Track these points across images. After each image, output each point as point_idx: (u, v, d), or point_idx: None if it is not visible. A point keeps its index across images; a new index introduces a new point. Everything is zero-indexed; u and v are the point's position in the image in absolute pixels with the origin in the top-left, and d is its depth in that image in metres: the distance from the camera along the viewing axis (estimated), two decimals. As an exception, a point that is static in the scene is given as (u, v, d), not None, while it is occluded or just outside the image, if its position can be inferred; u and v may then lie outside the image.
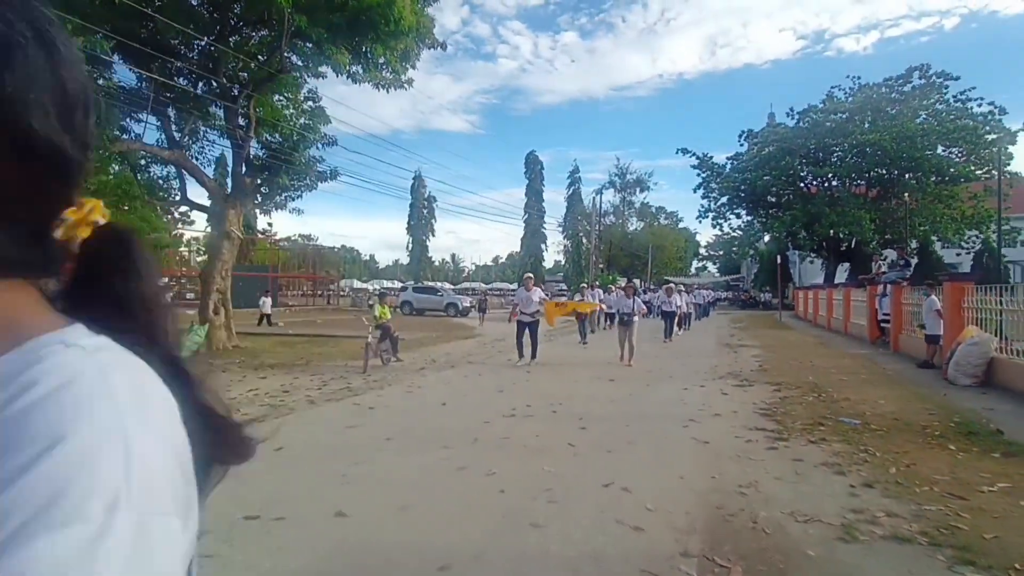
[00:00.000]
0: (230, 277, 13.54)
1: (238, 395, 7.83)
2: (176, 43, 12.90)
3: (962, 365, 8.53)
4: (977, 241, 32.61)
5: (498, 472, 4.49)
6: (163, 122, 13.44)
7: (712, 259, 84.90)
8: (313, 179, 15.22)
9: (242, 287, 33.06)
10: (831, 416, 6.42)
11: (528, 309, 10.80)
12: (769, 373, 9.98)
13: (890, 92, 32.76)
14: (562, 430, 5.89)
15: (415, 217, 73.18)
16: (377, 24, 11.46)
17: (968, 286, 9.62)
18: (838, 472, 4.43)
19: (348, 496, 3.92)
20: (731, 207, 39.09)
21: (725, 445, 5.30)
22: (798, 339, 17.36)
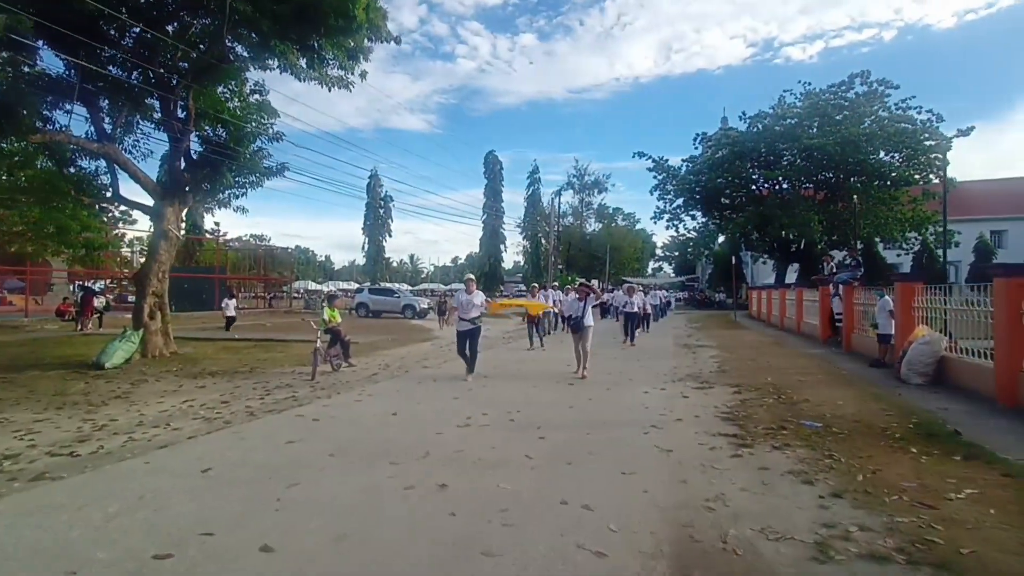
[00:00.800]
0: (167, 279, 12.71)
1: (171, 407, 7.27)
2: (108, 28, 12.00)
3: (914, 364, 8.61)
4: (916, 242, 33.98)
5: (449, 491, 4.13)
6: (92, 113, 12.50)
7: (668, 260, 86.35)
8: (259, 175, 14.49)
9: (188, 289, 31.78)
10: (793, 419, 6.30)
11: (468, 314, 9.34)
12: (728, 375, 9.90)
13: (835, 98, 33.81)
14: (519, 440, 5.56)
15: (371, 217, 71.94)
16: (326, 18, 10.89)
17: (918, 286, 9.77)
18: (805, 481, 4.24)
19: (279, 525, 3.50)
20: (686, 208, 39.73)
21: (689, 453, 5.07)
22: (754, 339, 17.53)
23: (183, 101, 12.77)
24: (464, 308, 9.42)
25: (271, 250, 54.18)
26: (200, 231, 47.64)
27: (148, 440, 5.62)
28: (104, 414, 6.85)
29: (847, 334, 13.58)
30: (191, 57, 13.13)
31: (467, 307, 9.38)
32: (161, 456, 5.01)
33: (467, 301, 9.43)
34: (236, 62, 13.09)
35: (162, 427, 6.20)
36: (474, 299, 9.42)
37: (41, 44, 11.27)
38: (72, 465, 4.80)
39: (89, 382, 9.15)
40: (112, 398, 7.87)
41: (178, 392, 8.37)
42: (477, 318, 9.40)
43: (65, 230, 16.99)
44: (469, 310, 9.35)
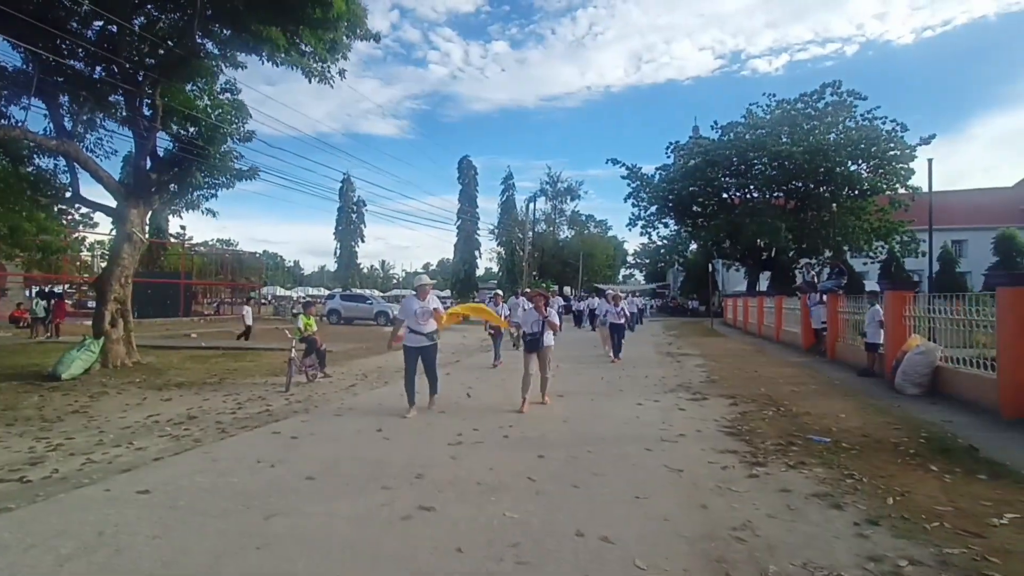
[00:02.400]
0: (130, 284, 12.00)
1: (133, 423, 6.72)
2: (69, 19, 11.32)
3: (909, 374, 8.51)
4: (883, 251, 34.65)
5: (450, 521, 3.74)
6: (51, 108, 11.77)
7: (639, 267, 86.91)
8: (230, 177, 13.86)
9: (151, 295, 30.56)
10: (799, 433, 6.07)
11: (421, 327, 7.29)
12: (719, 385, 9.69)
13: (805, 108, 34.43)
14: (518, 460, 5.20)
15: (343, 222, 70.71)
16: (303, 7, 10.42)
17: (909, 295, 9.72)
18: (834, 505, 3.96)
19: (262, 568, 3.07)
20: (659, 216, 39.92)
21: (701, 473, 4.77)
22: (735, 347, 17.48)
23: (149, 98, 12.13)
24: (416, 319, 7.31)
25: (238, 255, 52.78)
26: (165, 235, 46.06)
27: (109, 462, 5.10)
28: (59, 431, 6.27)
29: (832, 342, 13.55)
30: (159, 52, 12.51)
31: (420, 317, 7.30)
32: (123, 482, 4.50)
33: (420, 310, 7.31)
34: (207, 58, 12.51)
35: (124, 446, 5.67)
36: (428, 306, 7.34)
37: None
38: (21, 493, 4.27)
39: (44, 395, 8.49)
40: (69, 413, 7.27)
41: (142, 406, 7.79)
42: (434, 332, 7.43)
43: (18, 231, 15.99)
44: (422, 321, 7.30)
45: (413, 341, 7.35)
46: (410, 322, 7.36)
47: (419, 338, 7.33)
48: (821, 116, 33.66)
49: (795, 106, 34.58)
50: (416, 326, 7.32)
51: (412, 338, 7.35)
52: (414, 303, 7.40)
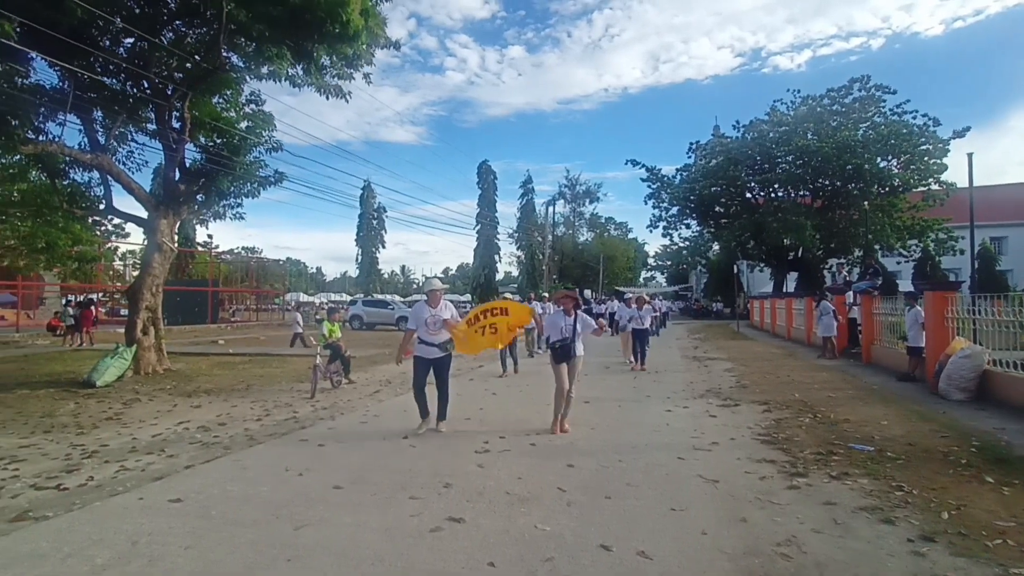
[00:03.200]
0: (161, 293, 12.19)
1: (165, 430, 6.77)
2: (102, 37, 11.56)
3: (954, 379, 8.18)
4: (917, 250, 33.69)
5: (481, 533, 3.65)
6: (86, 123, 12.04)
7: (660, 269, 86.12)
8: (256, 184, 14.02)
9: (180, 302, 31.13)
10: (839, 442, 5.85)
11: (433, 337, 6.58)
12: (750, 390, 9.45)
13: (832, 103, 33.70)
14: (547, 468, 5.09)
15: (364, 228, 71.32)
16: (322, 24, 10.48)
17: (951, 295, 9.37)
18: (884, 520, 3.77)
19: (293, 582, 3.01)
20: (681, 217, 39.46)
21: (738, 484, 4.61)
22: (763, 350, 17.12)
23: (178, 111, 12.34)
24: (427, 328, 6.58)
25: (262, 262, 53.62)
26: (192, 243, 47.00)
27: (142, 470, 5.12)
28: (95, 438, 6.35)
29: (867, 345, 13.17)
30: (186, 66, 12.73)
31: (431, 326, 6.58)
32: (156, 490, 4.51)
33: (431, 318, 6.61)
34: (232, 71, 12.69)
35: (156, 453, 5.70)
36: (441, 314, 6.64)
37: (34, 54, 10.81)
38: (58, 501, 4.29)
39: (80, 402, 8.63)
40: (103, 419, 7.36)
41: (172, 412, 7.87)
42: (447, 342, 6.68)
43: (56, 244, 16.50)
44: (434, 331, 6.59)
45: (424, 352, 6.59)
46: (421, 332, 6.61)
47: (430, 349, 6.57)
48: (848, 112, 32.90)
49: (821, 102, 33.85)
50: (427, 336, 6.58)
51: (423, 349, 6.60)
52: (425, 310, 6.67)
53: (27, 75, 11.38)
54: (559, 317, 6.75)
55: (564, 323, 6.63)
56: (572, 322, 6.57)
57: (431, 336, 6.57)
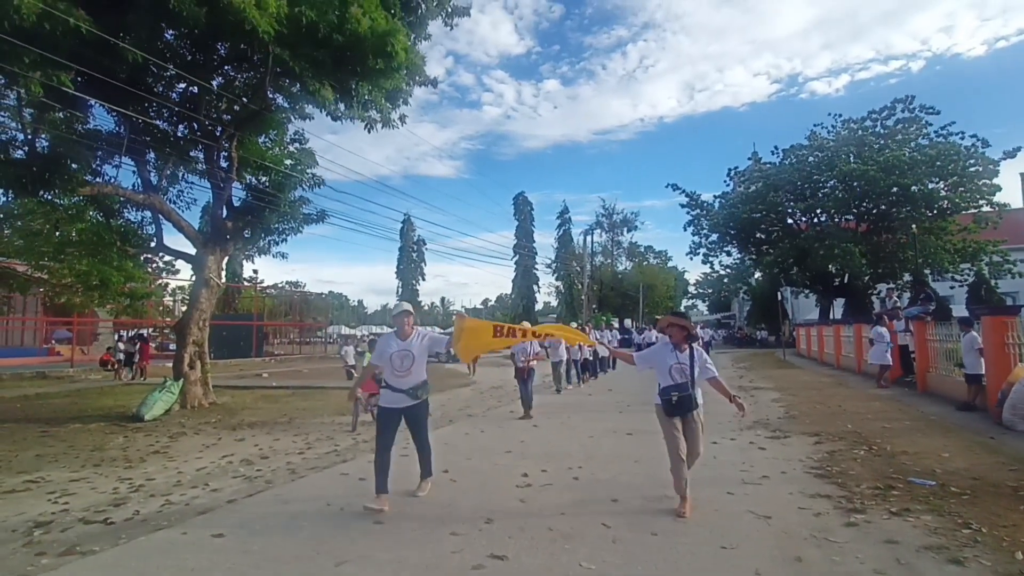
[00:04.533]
0: (207, 328, 12.56)
1: (209, 464, 6.89)
2: (154, 82, 12.25)
3: (1019, 408, 7.70)
4: (970, 273, 32.31)
5: (524, 571, 3.56)
6: (139, 165, 12.69)
7: (701, 297, 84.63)
8: (299, 221, 14.44)
9: (226, 336, 32.01)
10: (898, 475, 5.54)
11: (402, 380, 4.97)
12: (800, 421, 9.10)
13: (874, 125, 33.09)
14: (590, 503, 4.96)
15: (404, 261, 72.54)
16: (365, 59, 10.88)
17: (1011, 320, 8.90)
18: (952, 560, 3.53)
19: (334, 619, 2.98)
20: (721, 244, 38.89)
21: (791, 520, 4.40)
22: (812, 379, 16.51)
23: (226, 151, 12.87)
24: (394, 367, 4.98)
25: (306, 296, 54.90)
26: (239, 278, 48.48)
27: (186, 504, 5.20)
28: (141, 472, 6.50)
29: (922, 373, 12.57)
30: (235, 108, 13.35)
31: (400, 365, 4.96)
32: (199, 524, 4.56)
33: (400, 353, 4.98)
34: (278, 112, 13.21)
35: (200, 487, 5.79)
36: (411, 347, 5.01)
37: (91, 101, 11.49)
38: (106, 535, 4.38)
39: (128, 435, 8.87)
40: (150, 453, 7.54)
41: (217, 446, 8.01)
42: (419, 386, 5.02)
43: (109, 281, 17.24)
44: (401, 371, 4.96)
45: (390, 400, 5.00)
46: (387, 373, 5.03)
47: (398, 396, 4.95)
48: (891, 134, 32.21)
49: (863, 124, 33.27)
50: (394, 379, 4.96)
51: (388, 396, 5.01)
52: (391, 344, 5.05)
53: (85, 121, 12.10)
54: (665, 353, 4.85)
55: (676, 362, 4.74)
56: (688, 361, 4.75)
57: (399, 379, 4.94)
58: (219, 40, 11.47)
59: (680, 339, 4.81)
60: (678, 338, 4.81)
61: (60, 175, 10.70)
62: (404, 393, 4.95)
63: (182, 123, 13.06)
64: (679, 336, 4.81)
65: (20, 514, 4.90)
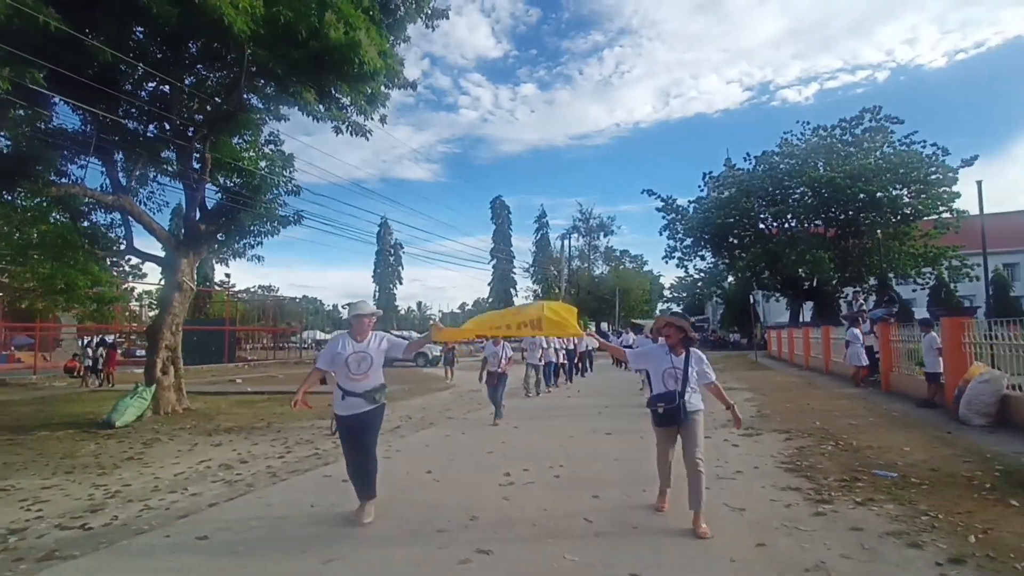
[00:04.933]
0: (181, 332, 12.37)
1: (187, 469, 6.82)
2: (123, 81, 12.04)
3: (974, 404, 8.09)
4: (931, 277, 33.48)
5: (510, 564, 3.67)
6: (108, 165, 12.43)
7: (676, 301, 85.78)
8: (275, 223, 14.31)
9: (197, 341, 31.42)
10: (863, 468, 5.79)
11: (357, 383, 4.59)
12: (771, 419, 9.37)
13: (843, 134, 34.15)
14: (572, 500, 5.08)
15: (381, 265, 72.06)
16: (341, 65, 10.89)
17: (968, 321, 9.32)
18: (911, 544, 3.75)
19: (325, 613, 3.04)
20: (695, 248, 39.59)
21: (763, 512, 4.59)
22: (783, 380, 16.94)
23: (199, 152, 12.71)
24: (349, 370, 4.57)
25: (279, 300, 54.12)
26: (210, 282, 47.65)
27: (166, 508, 5.17)
28: (116, 478, 6.40)
29: (885, 373, 13.04)
30: (207, 109, 13.19)
31: (356, 368, 4.57)
32: (182, 528, 4.55)
33: (357, 355, 4.60)
34: (253, 112, 13.10)
35: (179, 492, 5.75)
36: (368, 349, 4.63)
37: (57, 99, 11.25)
38: (84, 540, 4.34)
39: (100, 442, 8.70)
40: (124, 460, 7.42)
41: (193, 451, 7.92)
42: (377, 390, 4.64)
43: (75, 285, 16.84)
44: (359, 373, 4.57)
45: (347, 407, 4.57)
46: (340, 377, 4.63)
47: (354, 401, 4.56)
48: (859, 142, 33.27)
49: (832, 132, 34.33)
50: (349, 382, 4.57)
51: (345, 403, 4.57)
52: (346, 345, 4.63)
53: (50, 119, 11.81)
54: (660, 355, 4.57)
55: (670, 365, 4.47)
56: (682, 365, 4.46)
57: (355, 382, 4.56)
58: (192, 38, 11.33)
59: (676, 341, 4.51)
60: (674, 340, 4.52)
61: (26, 176, 10.45)
62: (361, 397, 4.57)
63: (152, 123, 12.86)
64: (675, 338, 4.51)
65: (-6, 521, 4.82)
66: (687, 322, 4.63)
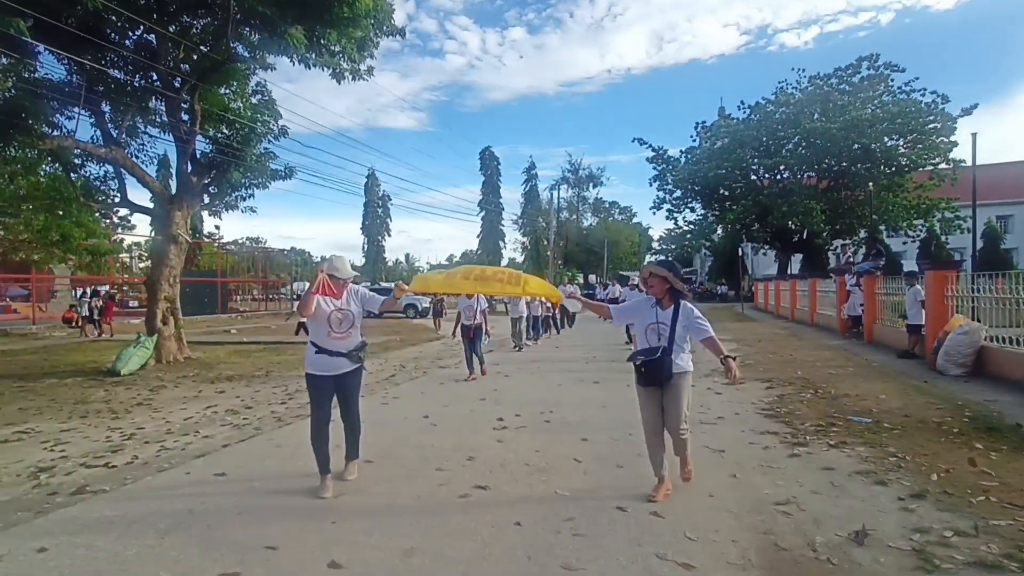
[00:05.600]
0: (178, 284, 12.52)
1: (195, 413, 7.11)
2: (109, 30, 11.78)
3: (952, 355, 8.46)
4: (922, 229, 33.76)
5: (506, 498, 3.98)
6: (98, 117, 12.29)
7: (664, 253, 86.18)
8: (266, 177, 14.27)
9: (189, 293, 31.48)
10: (839, 415, 6.15)
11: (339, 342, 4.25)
12: (754, 369, 9.75)
13: (840, 83, 33.68)
14: (562, 443, 5.40)
15: (370, 217, 71.54)
16: (331, 7, 10.68)
17: (951, 274, 9.62)
18: (878, 482, 4.08)
19: (340, 539, 3.34)
20: (685, 200, 39.54)
21: (742, 453, 4.92)
22: (768, 331, 17.39)
23: (187, 103, 12.55)
24: (330, 327, 4.20)
25: (268, 252, 53.92)
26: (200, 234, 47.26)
27: (182, 449, 5.46)
28: (130, 422, 6.69)
29: (869, 325, 13.44)
30: (193, 58, 12.95)
31: (338, 325, 4.22)
32: (200, 466, 4.85)
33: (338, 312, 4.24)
34: (240, 61, 12.87)
35: (191, 435, 6.04)
36: (349, 307, 4.29)
37: (42, 49, 11.02)
38: (110, 477, 4.63)
39: (108, 389, 8.98)
40: (134, 405, 7.71)
41: (199, 398, 8.21)
42: (359, 349, 4.34)
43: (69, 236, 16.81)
44: (340, 331, 4.23)
45: (323, 366, 4.23)
46: (318, 335, 4.25)
47: (334, 361, 4.22)
48: (855, 91, 32.86)
49: (828, 81, 33.83)
50: (329, 341, 4.20)
51: (321, 362, 4.23)
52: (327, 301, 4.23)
53: (35, 70, 11.60)
54: (645, 308, 4.15)
55: (655, 320, 4.02)
56: (670, 319, 4.00)
57: (337, 341, 4.22)
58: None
59: (661, 293, 4.03)
60: (658, 291, 4.05)
61: (18, 128, 10.35)
62: (344, 357, 4.23)
63: (139, 72, 12.64)
64: (659, 289, 4.04)
65: (19, 461, 5.09)
66: (671, 272, 4.05)
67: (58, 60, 11.69)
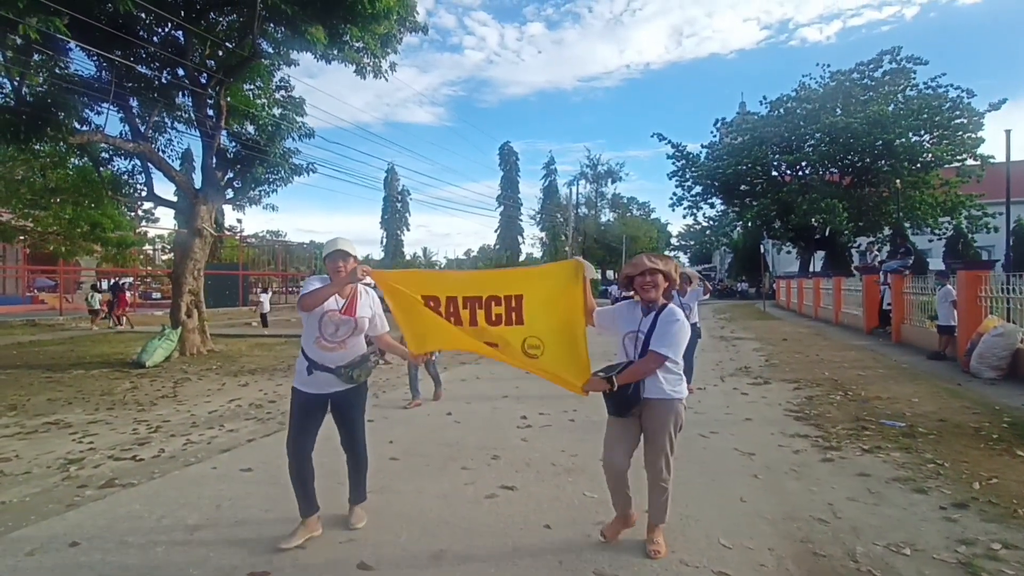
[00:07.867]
0: (202, 277, 12.65)
1: (219, 407, 7.16)
2: (138, 27, 11.91)
3: (986, 357, 8.23)
4: (948, 227, 32.99)
5: (534, 500, 3.93)
6: (126, 113, 12.46)
7: (683, 249, 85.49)
8: (288, 172, 14.35)
9: (211, 285, 31.92)
10: (871, 418, 6.01)
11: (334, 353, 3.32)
12: (780, 369, 9.59)
13: (861, 77, 33.06)
14: (588, 442, 5.32)
15: (389, 211, 71.90)
16: (354, 5, 10.69)
17: (984, 274, 9.36)
18: (917, 490, 3.96)
19: (369, 540, 3.31)
20: (705, 196, 39.14)
21: (773, 457, 4.81)
22: (792, 330, 17.11)
23: (213, 99, 12.66)
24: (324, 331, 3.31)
25: (287, 245, 54.45)
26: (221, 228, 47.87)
27: (207, 443, 5.49)
28: (155, 415, 6.75)
29: (897, 325, 13.16)
30: (219, 55, 13.07)
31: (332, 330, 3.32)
32: (226, 461, 4.87)
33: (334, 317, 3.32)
34: (265, 58, 12.96)
35: (216, 428, 6.08)
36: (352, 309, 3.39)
37: (74, 46, 11.19)
38: (138, 470, 4.66)
39: (133, 381, 9.10)
40: (159, 397, 7.79)
41: (223, 391, 8.27)
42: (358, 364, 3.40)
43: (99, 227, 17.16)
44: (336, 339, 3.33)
45: (314, 384, 3.36)
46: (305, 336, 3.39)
47: (325, 378, 3.34)
48: (878, 86, 32.22)
49: (850, 76, 33.21)
50: (320, 350, 3.32)
51: (312, 379, 3.34)
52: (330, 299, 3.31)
53: (66, 67, 11.80)
54: (626, 313, 3.32)
55: (635, 328, 3.19)
56: (647, 327, 3.14)
57: (327, 351, 3.32)
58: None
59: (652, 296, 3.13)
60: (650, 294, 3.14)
61: (51, 124, 10.54)
62: (333, 373, 3.30)
63: (166, 68, 12.79)
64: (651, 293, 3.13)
65: (49, 452, 5.15)
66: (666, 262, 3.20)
67: (88, 57, 11.87)
